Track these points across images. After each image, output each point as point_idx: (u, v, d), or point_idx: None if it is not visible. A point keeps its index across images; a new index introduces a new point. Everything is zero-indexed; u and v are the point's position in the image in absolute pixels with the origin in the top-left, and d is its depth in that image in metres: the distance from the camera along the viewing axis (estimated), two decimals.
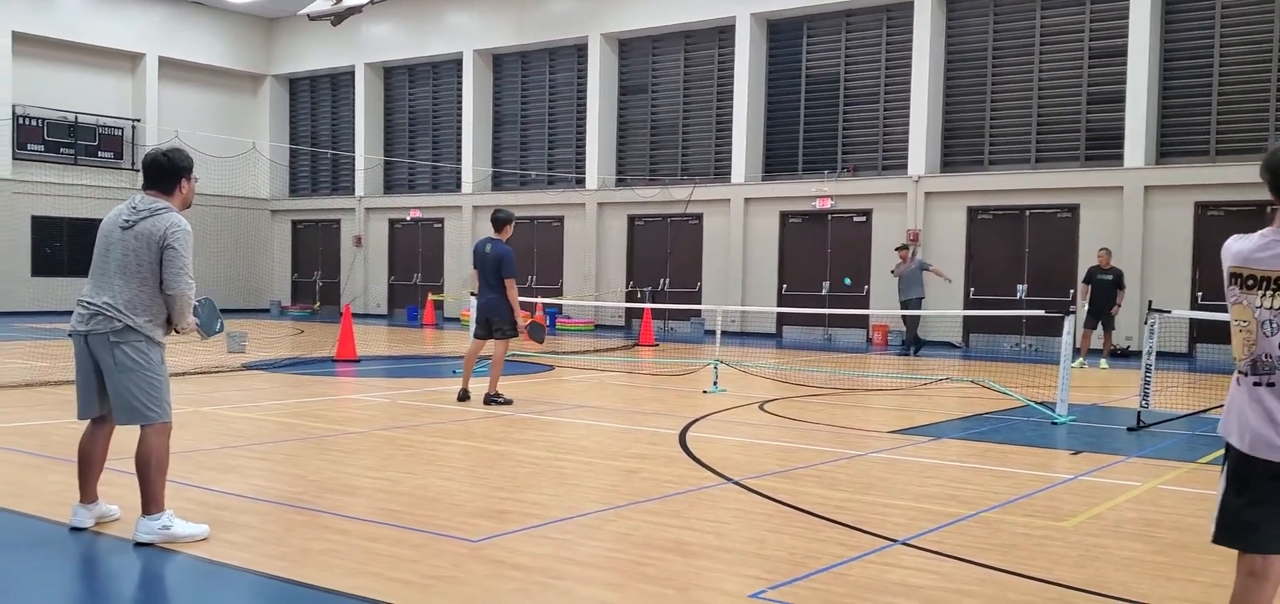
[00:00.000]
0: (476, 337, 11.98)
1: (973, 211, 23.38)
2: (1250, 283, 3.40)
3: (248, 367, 15.27)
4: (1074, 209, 22.25)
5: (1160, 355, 11.79)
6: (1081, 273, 21.82)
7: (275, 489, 6.96)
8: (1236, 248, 3.46)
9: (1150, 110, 21.44)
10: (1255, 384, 3.40)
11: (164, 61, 32.65)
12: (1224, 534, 3.49)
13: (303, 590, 4.83)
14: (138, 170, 31.94)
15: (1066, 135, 22.86)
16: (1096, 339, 18.59)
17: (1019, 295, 22.65)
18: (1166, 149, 21.77)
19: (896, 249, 21.50)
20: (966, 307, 22.87)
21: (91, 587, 5.23)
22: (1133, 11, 21.37)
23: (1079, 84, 22.61)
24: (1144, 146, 21.34)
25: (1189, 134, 21.56)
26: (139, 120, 32.28)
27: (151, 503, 5.48)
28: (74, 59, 31.19)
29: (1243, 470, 3.43)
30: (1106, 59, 22.20)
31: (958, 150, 24.17)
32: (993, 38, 23.60)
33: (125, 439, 5.84)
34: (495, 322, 11.64)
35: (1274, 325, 3.34)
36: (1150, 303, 12.12)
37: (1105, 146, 22.23)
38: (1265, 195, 3.54)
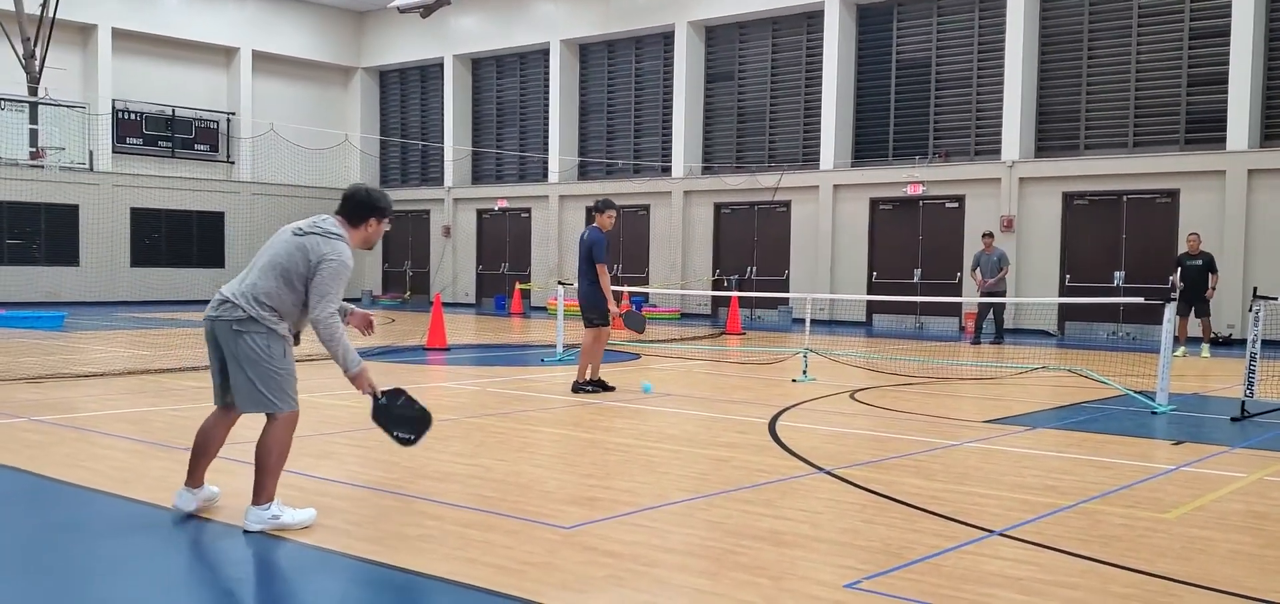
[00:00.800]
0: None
1: (1068, 197, 22.85)
2: None
3: None
4: (1174, 194, 21.61)
5: (1265, 343, 11.38)
6: None
7: (370, 475, 7.08)
8: None
9: (1254, 92, 20.71)
10: None
11: (258, 55, 33.45)
12: None
13: (398, 574, 4.90)
14: (232, 162, 32.91)
15: (1166, 118, 22.20)
16: (1194, 327, 18.07)
17: (1116, 283, 22.07)
18: (1271, 132, 21.01)
19: (983, 236, 21.06)
20: (1062, 294, 22.38)
21: (195, 571, 5.36)
22: None
23: (1179, 65, 21.93)
24: (1247, 129, 20.62)
25: None
26: (234, 113, 33.13)
27: (262, 493, 5.54)
28: (171, 54, 32.14)
29: None
30: (1208, 40, 21.49)
31: (1053, 134, 23.63)
32: (1089, 19, 23.00)
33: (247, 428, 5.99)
34: (584, 310, 11.63)
35: None
36: (1255, 289, 11.74)
37: (1207, 129, 21.53)
38: None
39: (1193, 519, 6.12)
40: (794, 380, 12.84)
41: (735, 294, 23.32)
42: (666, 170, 29.08)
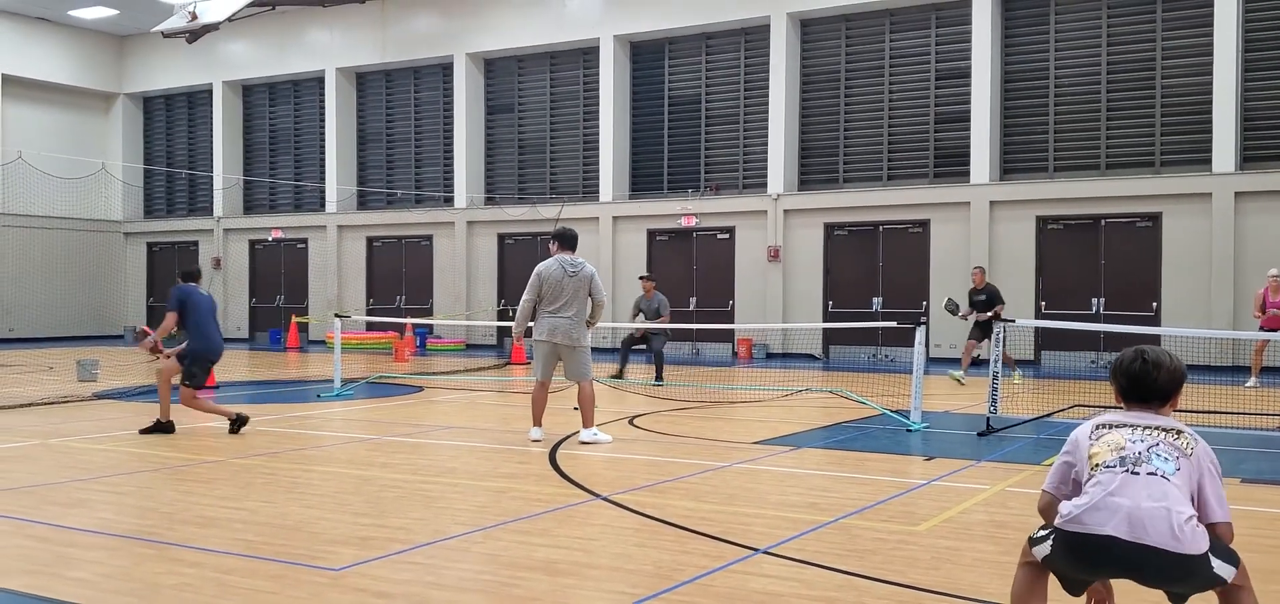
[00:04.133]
0: None
1: (830, 227, 24.04)
2: None
3: (99, 396, 14.70)
4: (925, 224, 23.09)
5: (1019, 363, 12.31)
6: (933, 285, 22.75)
7: (125, 523, 6.74)
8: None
9: (994, 129, 22.41)
10: None
11: (8, 79, 31.16)
12: None
13: None
14: None
15: (917, 153, 23.70)
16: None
17: (875, 307, 23.36)
18: (1010, 166, 22.77)
19: (640, 278, 19.52)
20: (825, 319, 23.52)
21: None
22: (975, 35, 22.33)
23: (927, 104, 23.48)
24: (988, 164, 22.28)
25: (1029, 152, 22.61)
26: None
27: (589, 421, 9.60)
28: None
29: None
30: (951, 80, 23.12)
31: (814, 168, 24.81)
32: (845, 59, 24.33)
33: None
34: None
35: None
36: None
37: (953, 164, 23.13)
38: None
39: (941, 530, 6.56)
40: (575, 408, 12.94)
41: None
42: (449, 201, 28.86)
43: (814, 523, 6.70)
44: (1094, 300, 21.36)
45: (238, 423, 10.89)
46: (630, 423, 11.87)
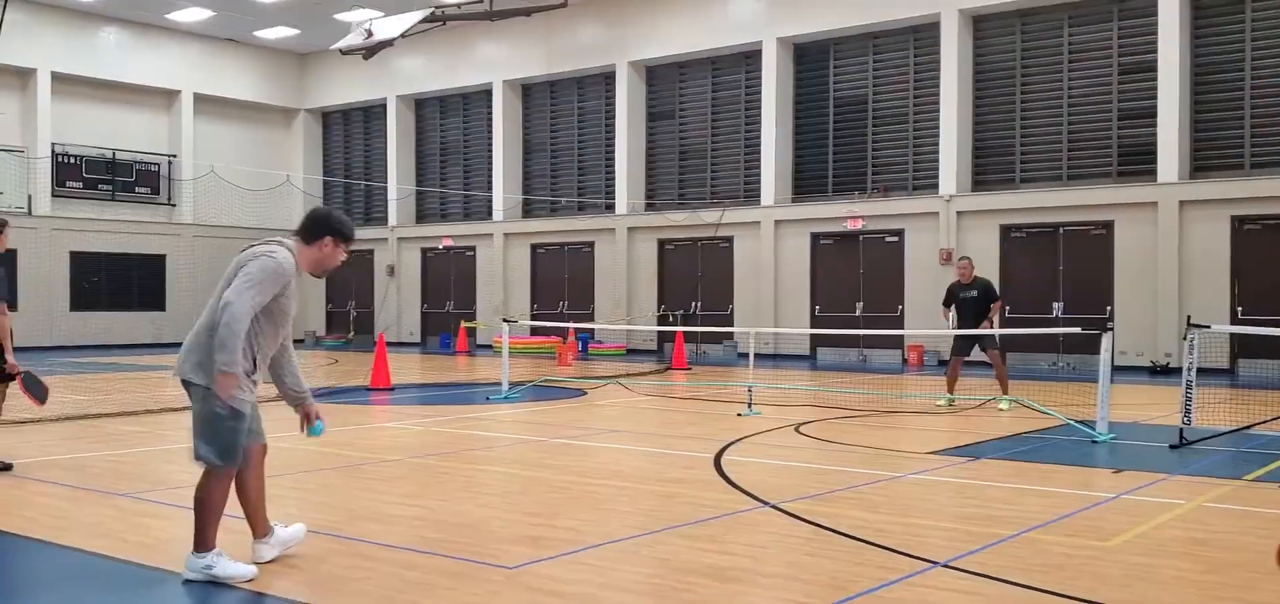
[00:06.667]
0: None
1: (1006, 229, 23.22)
2: None
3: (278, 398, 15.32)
4: (1108, 225, 22.05)
5: (1200, 371, 11.61)
6: (1116, 289, 21.70)
7: (310, 518, 6.96)
8: None
9: (1182, 125, 21.25)
10: None
11: (199, 98, 33.08)
12: None
13: None
14: (173, 204, 32.43)
15: (1098, 151, 22.68)
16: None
17: (1055, 313, 22.43)
18: (1201, 163, 21.55)
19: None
20: (1003, 325, 22.66)
21: None
22: (1161, 27, 21.22)
23: (1109, 100, 22.45)
24: (1177, 161, 21.13)
25: (1223, 148, 21.34)
26: (175, 156, 32.70)
27: (200, 541, 5.42)
28: (111, 97, 31.67)
29: None
30: (1136, 75, 22.03)
31: (989, 168, 24.03)
32: (1021, 56, 23.49)
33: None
34: None
35: None
36: (1189, 318, 11.97)
37: (1138, 162, 22.03)
38: None
39: (1134, 547, 6.20)
40: (739, 414, 12.87)
41: (680, 330, 23.37)
42: (610, 208, 29.16)
43: (996, 536, 6.41)
44: None
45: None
46: (796, 430, 11.68)
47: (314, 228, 5.62)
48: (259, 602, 5.13)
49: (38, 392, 8.90)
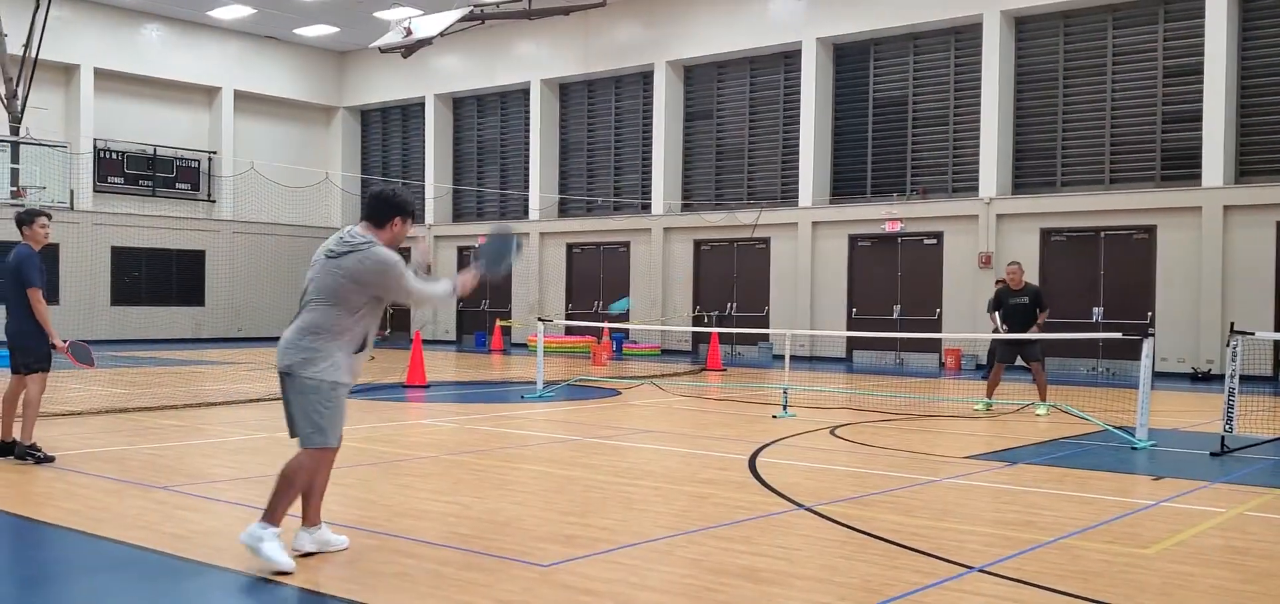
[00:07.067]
0: None
1: (1046, 232, 22.99)
2: None
3: None
4: (1151, 230, 21.77)
5: (1243, 379, 11.44)
6: (1159, 295, 21.42)
7: (346, 514, 7.01)
8: None
9: (1228, 129, 20.95)
10: None
11: (239, 95, 33.42)
12: None
13: None
14: (213, 201, 32.78)
15: (1142, 154, 22.40)
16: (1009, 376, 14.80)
17: (1095, 318, 22.18)
18: (1246, 168, 21.23)
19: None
20: (1040, 329, 22.41)
21: None
22: (1208, 29, 20.93)
23: (1154, 103, 22.17)
24: (1222, 165, 20.83)
25: (1269, 153, 21.02)
26: (215, 152, 33.04)
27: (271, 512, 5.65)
28: (152, 93, 32.05)
29: None
30: (1182, 77, 21.74)
31: (1029, 171, 23.80)
32: (1064, 57, 23.24)
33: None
34: (16, 353, 8.90)
35: None
36: (1232, 325, 11.79)
37: (1182, 166, 21.74)
38: None
39: (1173, 555, 6.12)
40: (774, 416, 12.82)
41: (715, 330, 23.32)
42: (646, 208, 29.16)
43: (1033, 542, 6.35)
44: None
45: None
46: (831, 433, 11.62)
47: (384, 210, 5.79)
48: (299, 595, 5.16)
49: (85, 356, 9.29)
